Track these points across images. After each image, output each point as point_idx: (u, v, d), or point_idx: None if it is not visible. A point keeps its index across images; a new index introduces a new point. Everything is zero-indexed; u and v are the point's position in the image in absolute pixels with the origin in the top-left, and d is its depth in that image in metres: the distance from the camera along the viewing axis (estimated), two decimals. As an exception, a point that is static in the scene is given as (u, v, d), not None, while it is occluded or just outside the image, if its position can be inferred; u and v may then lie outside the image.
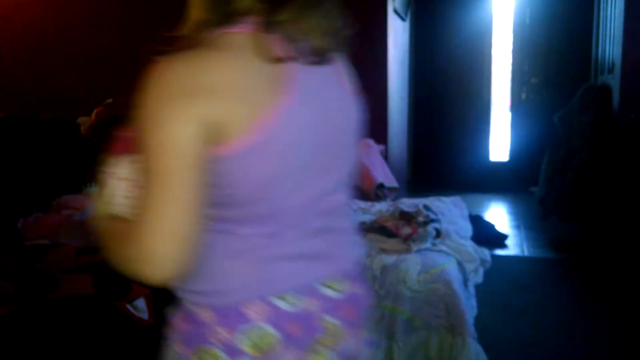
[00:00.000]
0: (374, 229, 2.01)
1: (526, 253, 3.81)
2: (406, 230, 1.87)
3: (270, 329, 0.76)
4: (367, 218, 2.31)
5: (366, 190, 3.26)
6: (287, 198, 0.77)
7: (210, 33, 0.73)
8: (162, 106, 0.68)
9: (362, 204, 2.67)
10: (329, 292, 0.81)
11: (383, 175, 3.39)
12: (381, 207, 2.61)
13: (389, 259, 1.77)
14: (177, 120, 0.67)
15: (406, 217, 1.92)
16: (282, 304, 0.77)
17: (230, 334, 0.76)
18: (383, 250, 1.85)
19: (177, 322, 0.80)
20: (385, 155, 3.81)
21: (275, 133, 0.71)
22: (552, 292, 3.03)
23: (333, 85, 0.84)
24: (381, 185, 3.30)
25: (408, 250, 1.82)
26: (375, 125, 3.89)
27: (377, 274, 1.74)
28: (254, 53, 0.72)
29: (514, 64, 6.11)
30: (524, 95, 6.04)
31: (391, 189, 3.44)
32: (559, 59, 5.79)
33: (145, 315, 1.64)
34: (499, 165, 6.29)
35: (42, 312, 1.58)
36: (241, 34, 0.73)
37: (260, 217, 0.77)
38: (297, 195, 0.78)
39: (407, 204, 2.53)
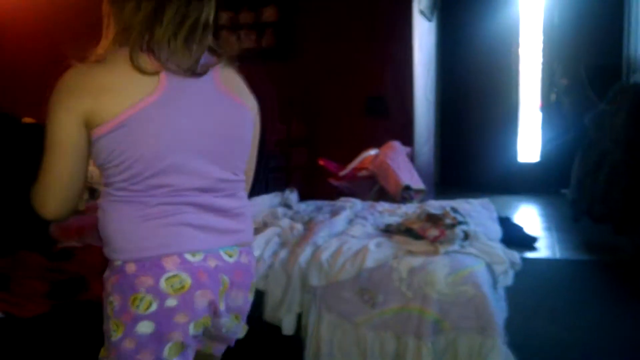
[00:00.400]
0: (401, 231, 2.00)
1: (558, 255, 3.75)
2: (433, 232, 1.86)
3: (184, 275, 1.02)
4: (393, 220, 2.30)
5: (392, 192, 3.25)
6: (175, 177, 1.03)
7: (109, 51, 1.04)
8: (55, 101, 1.01)
9: (389, 206, 2.66)
10: (226, 257, 1.09)
11: (409, 177, 3.37)
12: (407, 209, 2.59)
13: (416, 261, 1.76)
14: (60, 111, 1.00)
15: (433, 219, 1.91)
16: (192, 259, 1.04)
17: (155, 281, 1.00)
18: (410, 252, 1.84)
19: (111, 278, 1.04)
20: (412, 157, 3.79)
21: (137, 120, 0.99)
22: (584, 295, 2.98)
23: (208, 91, 1.08)
24: (408, 187, 3.28)
25: (435, 253, 1.81)
26: (402, 127, 3.88)
27: (405, 275, 1.73)
28: (129, 66, 1.00)
29: (543, 64, 6.03)
30: (553, 96, 5.95)
31: (418, 191, 3.42)
32: (589, 58, 5.69)
33: None
34: (529, 166, 6.20)
35: (74, 313, 1.61)
36: (125, 53, 1.01)
37: (157, 191, 1.02)
38: (184, 175, 1.04)
39: (434, 206, 2.51)
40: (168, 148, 1.01)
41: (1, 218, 2.18)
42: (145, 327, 1.00)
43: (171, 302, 1.01)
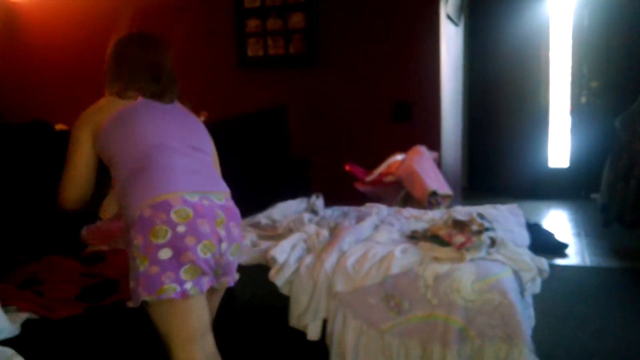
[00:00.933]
0: (427, 237, 2.00)
1: (587, 262, 3.68)
2: (459, 238, 1.84)
3: (188, 209, 1.38)
4: (419, 226, 2.29)
5: (419, 197, 3.23)
6: (162, 149, 1.47)
7: (109, 94, 1.58)
8: (75, 127, 1.52)
9: (415, 212, 2.65)
10: (214, 199, 1.47)
11: (436, 182, 3.35)
12: (434, 215, 2.58)
13: (442, 267, 1.75)
14: (78, 129, 1.51)
15: (459, 226, 1.89)
16: (190, 199, 1.40)
17: (167, 215, 1.36)
18: (436, 259, 1.83)
19: (133, 227, 1.37)
20: (439, 162, 3.77)
21: (126, 113, 1.50)
22: (615, 302, 2.92)
23: (173, 107, 1.62)
24: (434, 193, 3.27)
25: (462, 259, 1.79)
26: (428, 132, 3.87)
27: (430, 282, 1.73)
28: (118, 99, 1.55)
29: (573, 67, 5.93)
30: (583, 99, 5.86)
31: (445, 197, 3.40)
32: (620, 61, 5.58)
33: None
34: (558, 171, 6.10)
35: (105, 315, 1.65)
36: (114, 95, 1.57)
37: (151, 162, 1.46)
38: (168, 149, 1.48)
39: (461, 212, 2.50)
40: (150, 125, 1.50)
41: (33, 222, 2.24)
42: (164, 253, 1.33)
43: (181, 229, 1.35)
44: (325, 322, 1.86)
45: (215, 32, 4.28)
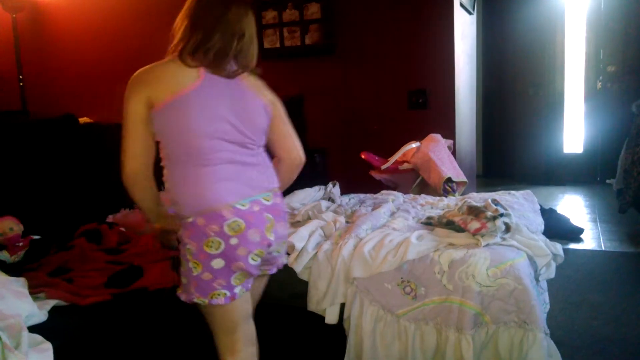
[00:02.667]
0: (442, 223, 2.02)
1: (603, 247, 3.69)
2: (474, 224, 1.86)
3: (239, 220, 1.40)
4: (435, 212, 2.32)
5: (434, 184, 3.26)
6: (213, 142, 1.42)
7: (170, 54, 1.49)
8: (128, 90, 1.42)
9: (430, 199, 2.68)
10: (264, 201, 1.47)
11: (451, 169, 3.38)
12: (449, 201, 2.61)
13: (457, 253, 1.78)
14: (132, 99, 1.41)
15: (474, 212, 1.91)
16: (242, 207, 1.41)
17: (220, 227, 1.38)
18: (451, 245, 1.86)
19: (186, 231, 1.41)
20: (454, 150, 3.79)
21: (181, 102, 1.39)
22: (631, 288, 2.93)
23: (237, 88, 1.49)
24: (450, 180, 3.29)
25: (477, 245, 1.82)
26: (443, 120, 3.88)
27: (446, 268, 1.75)
28: (178, 64, 1.44)
29: (588, 53, 5.88)
30: (599, 85, 5.81)
31: (460, 183, 3.42)
32: (637, 45, 5.52)
33: None
34: (573, 156, 6.08)
35: (132, 300, 1.71)
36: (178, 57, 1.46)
37: (203, 157, 1.41)
38: (219, 140, 1.42)
39: (476, 198, 2.52)
40: (205, 122, 1.41)
41: (61, 211, 2.32)
42: (217, 263, 1.40)
43: (233, 241, 1.39)
44: (343, 307, 1.90)
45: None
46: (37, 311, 1.51)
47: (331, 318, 1.90)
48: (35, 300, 1.57)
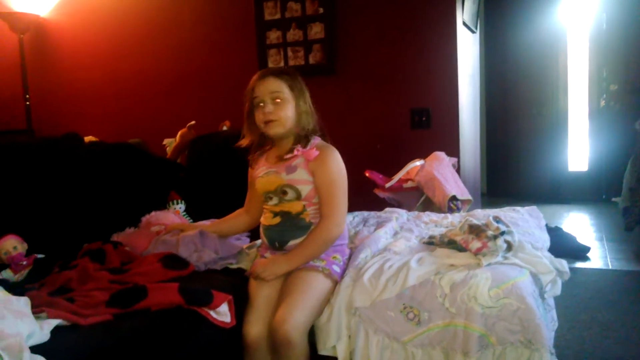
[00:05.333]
0: (444, 243, 2.01)
1: (611, 266, 3.66)
2: (476, 244, 1.85)
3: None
4: (438, 231, 2.31)
5: (439, 202, 3.26)
6: None
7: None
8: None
9: (435, 216, 2.67)
10: None
11: (455, 187, 3.38)
12: (453, 219, 2.59)
13: (458, 275, 1.76)
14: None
15: (475, 231, 1.90)
16: None
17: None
18: (452, 266, 1.84)
19: (339, 250, 1.97)
20: (458, 168, 3.79)
21: None
22: (638, 307, 2.90)
23: None
24: (454, 198, 3.29)
25: (478, 265, 1.80)
26: (447, 138, 3.89)
27: (447, 291, 1.73)
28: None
29: (591, 71, 5.90)
30: (602, 103, 5.82)
31: (465, 201, 3.41)
32: (639, 64, 5.54)
33: (227, 318, 1.73)
34: (578, 175, 6.07)
35: (134, 320, 1.70)
36: None
37: None
38: None
39: (478, 215, 2.51)
40: None
41: (65, 230, 2.32)
42: None
43: None
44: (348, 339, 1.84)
45: (237, 44, 4.38)
46: (38, 331, 1.50)
47: (343, 355, 1.84)
48: (37, 320, 1.56)
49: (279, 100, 1.90)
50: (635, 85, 5.53)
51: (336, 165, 1.93)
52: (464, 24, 4.11)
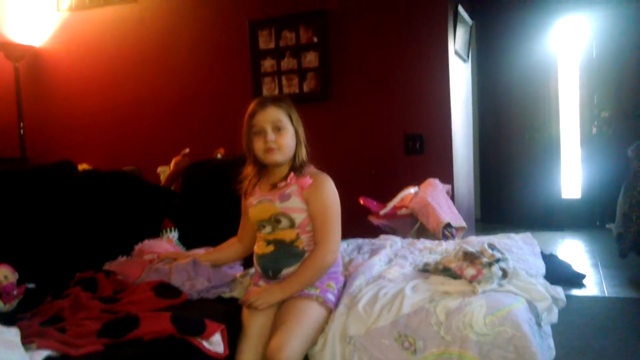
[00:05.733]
0: (439, 270, 2.00)
1: (606, 293, 3.65)
2: (470, 271, 1.84)
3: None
4: (432, 258, 2.30)
5: (433, 229, 3.26)
6: None
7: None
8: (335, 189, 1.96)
9: (429, 243, 2.67)
10: None
11: (450, 214, 3.38)
12: (448, 245, 2.59)
13: (453, 302, 1.75)
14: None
15: (470, 258, 1.89)
16: None
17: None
18: (447, 294, 1.83)
19: (333, 278, 1.97)
20: (452, 195, 3.80)
21: None
22: (635, 334, 2.89)
23: None
24: (448, 225, 3.29)
25: (473, 293, 1.80)
26: (440, 164, 3.91)
27: (442, 319, 1.71)
28: None
29: (582, 98, 5.98)
30: (594, 129, 5.87)
31: (459, 229, 3.41)
32: (630, 90, 5.62)
33: (220, 348, 1.71)
34: (571, 202, 6.09)
35: (126, 350, 1.67)
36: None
37: None
38: None
39: (473, 242, 2.51)
40: None
41: (57, 259, 2.30)
42: None
43: None
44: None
45: (232, 72, 4.42)
46: (28, 362, 1.48)
47: None
48: (27, 351, 1.54)
49: (280, 129, 1.90)
50: (627, 112, 5.60)
51: (330, 192, 1.93)
52: (456, 53, 4.17)
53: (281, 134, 1.90)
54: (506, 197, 6.18)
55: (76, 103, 4.81)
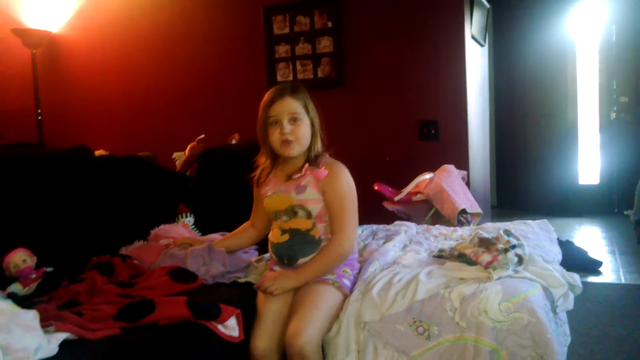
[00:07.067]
0: (454, 256, 1.99)
1: (623, 280, 3.62)
2: (486, 257, 1.83)
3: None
4: (448, 244, 2.29)
5: (448, 216, 3.24)
6: None
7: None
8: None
9: (444, 229, 2.65)
10: None
11: (465, 200, 3.36)
12: (463, 232, 2.57)
13: (468, 289, 1.74)
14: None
15: (485, 244, 1.88)
16: None
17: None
18: (462, 280, 1.82)
19: (349, 264, 1.97)
20: (467, 181, 3.77)
21: None
22: (651, 322, 2.86)
23: None
24: (464, 211, 3.27)
25: (488, 279, 1.78)
26: (456, 151, 3.88)
27: (457, 305, 1.70)
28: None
29: (601, 83, 5.88)
30: (613, 115, 5.78)
31: (474, 215, 3.39)
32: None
33: (235, 332, 1.72)
34: (589, 188, 6.02)
35: (142, 334, 1.69)
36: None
37: None
38: None
39: (489, 228, 2.49)
40: None
41: (74, 243, 2.32)
42: None
43: None
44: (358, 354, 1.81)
45: (246, 58, 4.41)
46: (46, 345, 1.50)
47: None
48: (45, 334, 1.56)
49: (296, 120, 1.88)
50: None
51: (345, 182, 1.93)
52: (473, 37, 4.11)
53: (297, 125, 1.88)
54: (522, 183, 6.13)
55: (93, 89, 4.84)
